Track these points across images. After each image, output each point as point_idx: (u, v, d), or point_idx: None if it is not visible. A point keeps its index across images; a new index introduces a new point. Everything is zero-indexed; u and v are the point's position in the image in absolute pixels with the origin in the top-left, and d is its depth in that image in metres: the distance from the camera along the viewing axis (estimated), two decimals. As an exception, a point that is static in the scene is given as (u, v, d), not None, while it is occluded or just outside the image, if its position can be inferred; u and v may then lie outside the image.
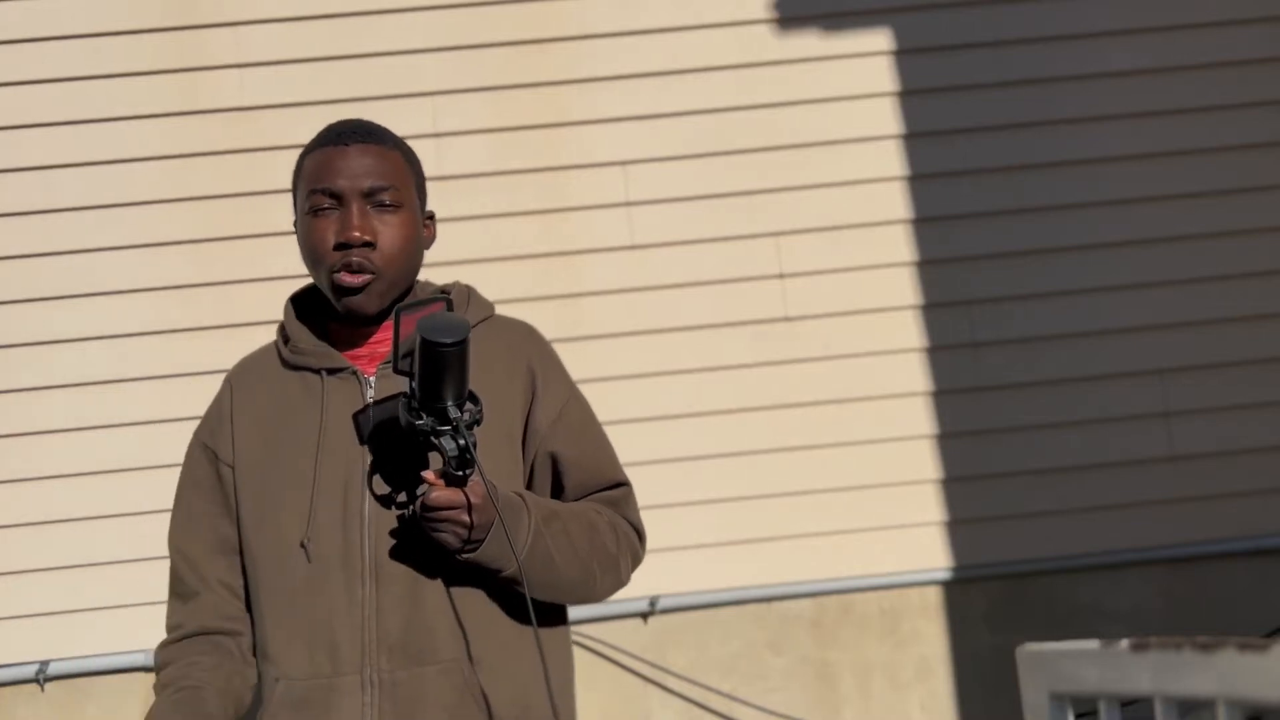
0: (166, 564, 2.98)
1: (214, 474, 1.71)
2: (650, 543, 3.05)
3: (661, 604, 3.02)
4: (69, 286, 3.03)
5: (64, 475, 2.98)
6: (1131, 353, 3.14)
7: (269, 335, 3.10)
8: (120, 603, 2.95)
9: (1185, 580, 3.10)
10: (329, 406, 1.64)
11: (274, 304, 3.05)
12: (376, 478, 1.60)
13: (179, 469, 3.11)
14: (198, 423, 1.81)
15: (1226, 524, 3.10)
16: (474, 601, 1.59)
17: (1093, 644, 1.04)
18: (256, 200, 3.09)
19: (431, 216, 1.75)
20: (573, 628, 3.00)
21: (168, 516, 2.99)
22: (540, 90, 3.15)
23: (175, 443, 3.00)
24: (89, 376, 3.01)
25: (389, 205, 1.63)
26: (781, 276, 3.13)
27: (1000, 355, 3.13)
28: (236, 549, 1.69)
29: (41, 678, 2.92)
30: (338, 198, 1.63)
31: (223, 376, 1.85)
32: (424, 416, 1.48)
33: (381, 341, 1.68)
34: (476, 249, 3.08)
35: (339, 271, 1.62)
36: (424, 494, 1.50)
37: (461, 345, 1.45)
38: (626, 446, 3.03)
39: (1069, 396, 3.12)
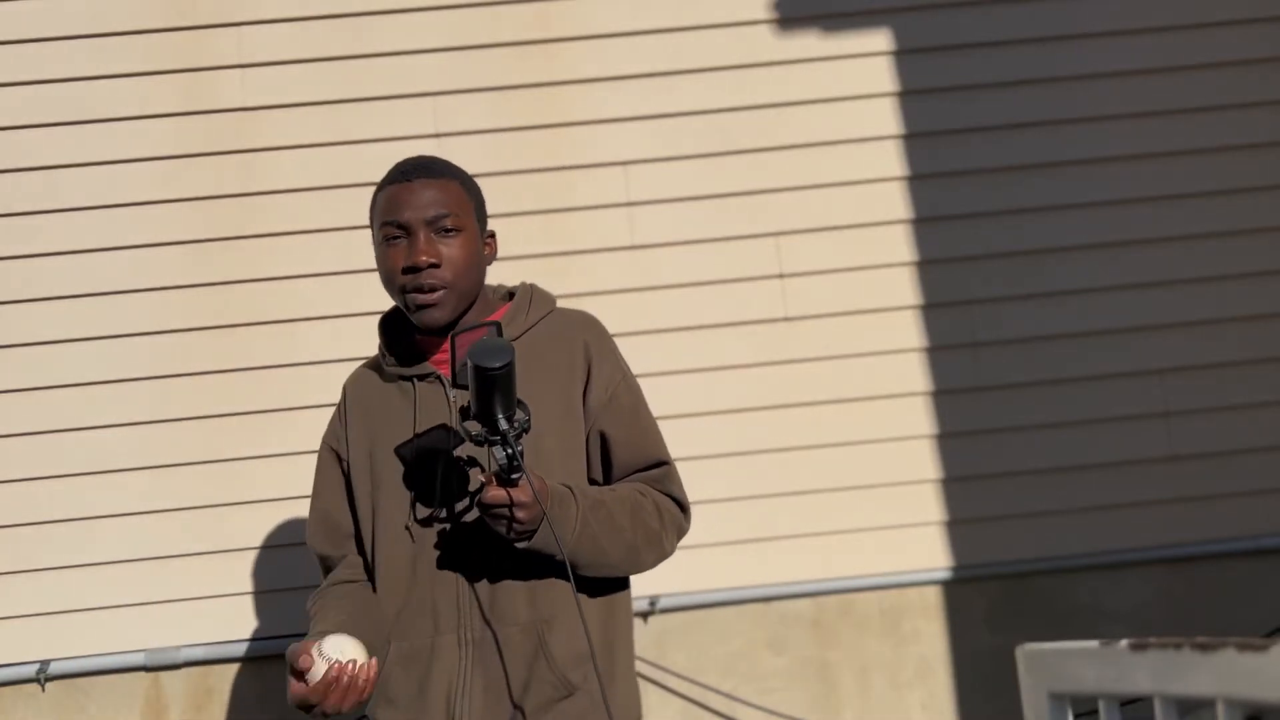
0: (166, 564, 3.00)
1: (339, 471, 2.00)
2: (650, 543, 3.06)
3: (661, 604, 3.02)
4: (69, 286, 3.03)
5: (64, 475, 2.98)
6: (1131, 353, 3.14)
7: (269, 335, 3.13)
8: (120, 603, 2.95)
9: (1185, 580, 3.10)
10: (421, 408, 1.92)
11: (274, 304, 3.06)
12: (457, 469, 1.87)
13: (179, 469, 3.12)
14: (325, 429, 2.06)
15: (1226, 524, 3.10)
16: (541, 571, 1.85)
17: (1093, 644, 1.04)
18: (256, 200, 3.09)
19: (492, 235, 2.01)
20: (573, 628, 3.01)
21: (168, 516, 3.02)
22: (541, 90, 3.15)
23: (175, 443, 3.02)
24: (89, 376, 3.01)
25: (450, 230, 1.89)
26: (781, 276, 3.14)
27: (1000, 355, 3.13)
28: (350, 524, 1.99)
29: (41, 678, 2.92)
30: (405, 229, 1.89)
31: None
32: (478, 427, 1.69)
33: (458, 347, 1.91)
34: (476, 249, 3.08)
35: (411, 292, 1.88)
36: (480, 492, 1.73)
37: (506, 368, 1.64)
38: (626, 446, 3.04)
39: (1069, 396, 3.12)
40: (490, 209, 3.15)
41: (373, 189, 3.06)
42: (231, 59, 3.12)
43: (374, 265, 3.21)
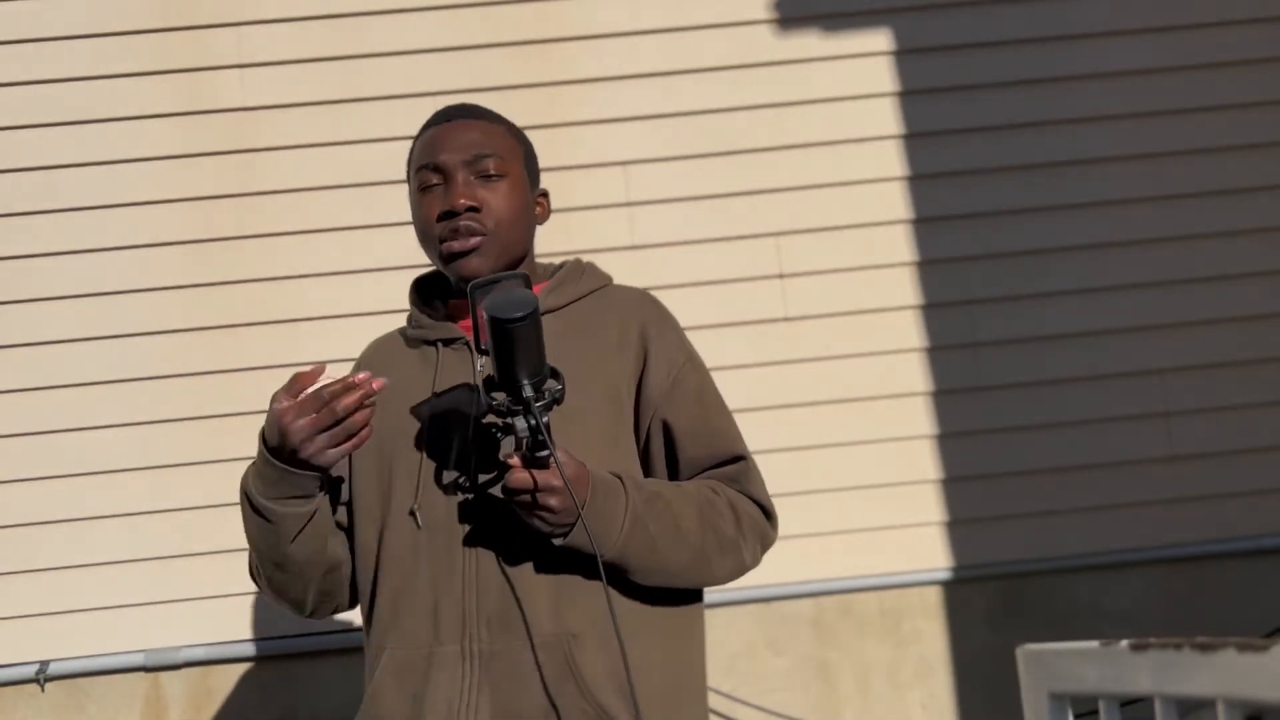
0: (166, 564, 2.99)
1: None
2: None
3: (661, 604, 3.02)
4: (69, 286, 3.03)
5: (64, 475, 2.98)
6: (1131, 353, 3.14)
7: (269, 335, 3.12)
8: (120, 603, 2.95)
9: (1185, 580, 3.10)
10: (442, 376, 1.66)
11: (274, 304, 3.06)
12: (480, 449, 1.60)
13: (179, 469, 3.12)
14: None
15: (1226, 524, 3.10)
16: (575, 575, 1.56)
17: (1093, 644, 1.04)
18: (256, 200, 3.09)
19: (545, 195, 1.78)
20: (573, 628, 3.02)
21: (168, 516, 3.01)
22: (541, 91, 3.15)
23: (175, 442, 3.01)
24: (89, 376, 3.01)
25: (493, 174, 1.66)
26: (781, 276, 3.13)
27: (1000, 355, 3.13)
28: (343, 525, 1.71)
29: (41, 678, 2.92)
30: (443, 172, 1.66)
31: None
32: (499, 395, 1.47)
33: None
34: (476, 249, 3.08)
35: (446, 240, 1.64)
36: (506, 476, 1.49)
37: (528, 320, 1.42)
38: (626, 446, 3.05)
39: (1069, 396, 3.12)
40: (490, 209, 3.17)
41: (372, 188, 3.09)
42: (231, 59, 3.12)
43: (373, 265, 3.21)
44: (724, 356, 3.10)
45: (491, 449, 1.59)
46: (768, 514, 1.74)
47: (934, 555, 3.08)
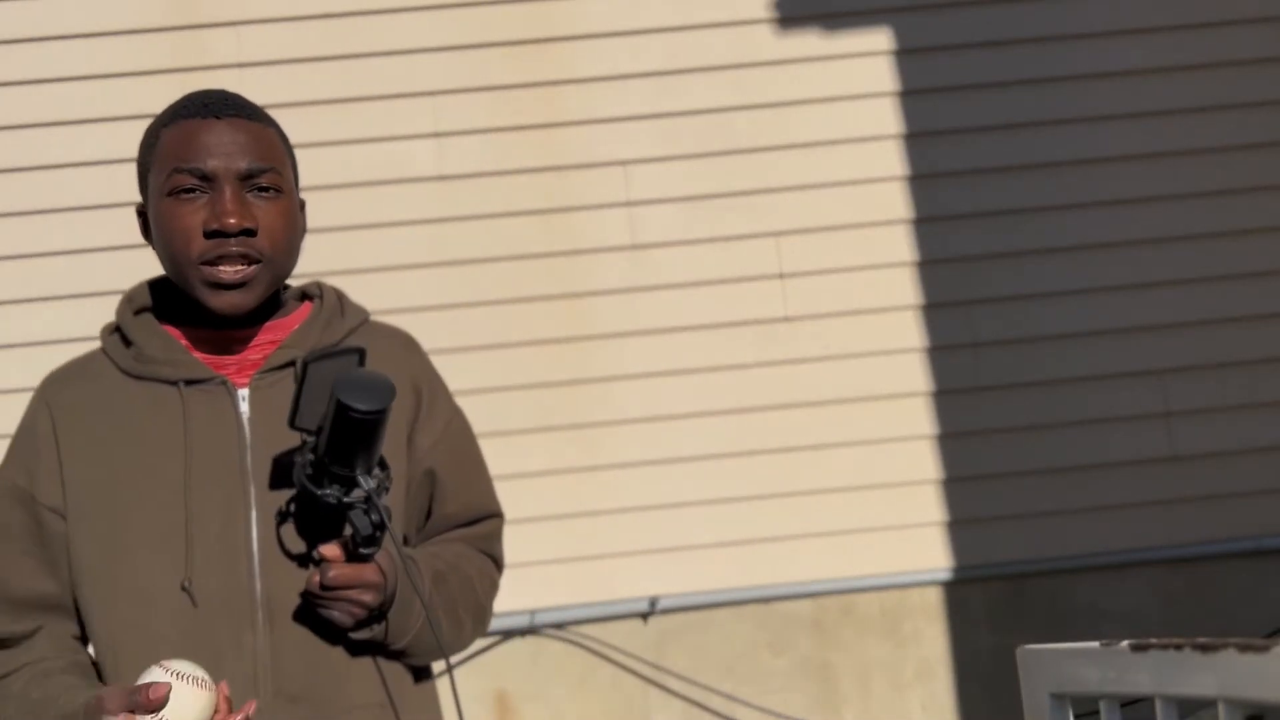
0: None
1: (31, 520, 1.43)
2: (650, 543, 3.06)
3: (661, 604, 3.02)
4: (69, 286, 3.03)
5: (64, 475, 2.98)
6: (1131, 353, 3.14)
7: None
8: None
9: (1185, 580, 3.10)
10: (193, 424, 1.40)
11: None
12: (264, 511, 1.39)
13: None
14: (4, 454, 1.50)
15: (1226, 524, 3.10)
16: (366, 648, 1.43)
17: (1093, 644, 1.04)
18: (256, 200, 3.08)
19: (303, 206, 1.50)
20: (573, 628, 3.02)
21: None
22: (540, 90, 3.15)
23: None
24: (89, 376, 3.01)
25: (268, 190, 1.41)
26: (781, 276, 3.13)
27: (1000, 355, 3.13)
28: (66, 608, 1.43)
29: (41, 678, 2.92)
30: (208, 179, 1.39)
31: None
32: (327, 485, 1.31)
33: (256, 347, 1.47)
34: (478, 249, 3.09)
35: (214, 265, 1.38)
36: (320, 570, 1.32)
37: (384, 413, 1.27)
38: (627, 446, 3.05)
39: (1069, 396, 3.12)
40: (490, 209, 3.18)
41: (373, 188, 3.09)
42: (230, 59, 3.12)
43: (373, 264, 3.21)
44: (724, 356, 3.10)
45: (282, 513, 1.40)
46: (500, 569, 1.64)
47: (934, 555, 3.08)
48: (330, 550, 1.34)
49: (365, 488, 1.30)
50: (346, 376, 1.28)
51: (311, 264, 3.06)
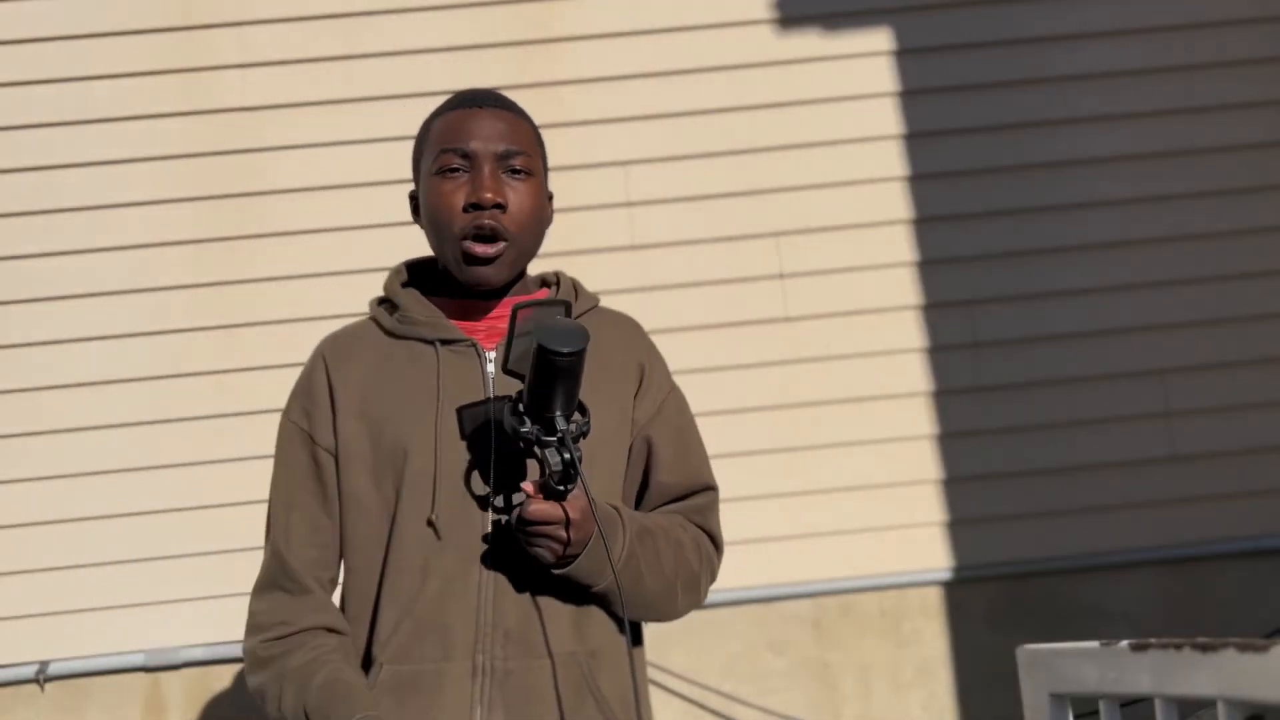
0: (166, 564, 2.99)
1: (311, 460, 1.62)
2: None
3: (661, 604, 3.02)
4: (69, 286, 3.03)
5: (64, 475, 2.98)
6: (1131, 353, 3.14)
7: (269, 335, 3.12)
8: (120, 603, 2.95)
9: (1185, 580, 3.10)
10: (446, 379, 1.58)
11: (273, 304, 3.06)
12: (502, 469, 1.54)
13: (179, 469, 3.10)
14: (287, 401, 1.68)
15: (1226, 524, 3.09)
16: (591, 596, 1.56)
17: (1093, 644, 1.04)
18: (256, 200, 3.08)
19: (551, 196, 1.70)
20: (573, 628, 3.02)
21: (168, 516, 3.01)
22: (540, 90, 3.15)
23: (175, 443, 3.01)
24: (89, 376, 3.01)
25: (520, 171, 1.61)
26: (781, 276, 3.13)
27: (1000, 355, 3.13)
28: (334, 538, 1.61)
29: (41, 678, 2.92)
30: (469, 158, 1.60)
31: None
32: (529, 424, 1.43)
33: (501, 317, 1.62)
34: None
35: (469, 240, 1.57)
36: (521, 506, 1.46)
37: (579, 356, 1.40)
38: (626, 446, 3.04)
39: (1069, 396, 3.12)
40: (490, 209, 3.17)
41: (373, 188, 3.09)
42: (231, 59, 3.12)
43: (375, 265, 3.21)
44: (724, 356, 3.10)
45: (513, 472, 1.55)
46: (718, 546, 1.74)
47: (934, 555, 3.07)
48: (527, 486, 1.47)
49: (560, 428, 1.42)
50: (547, 323, 1.41)
51: (312, 264, 3.07)
